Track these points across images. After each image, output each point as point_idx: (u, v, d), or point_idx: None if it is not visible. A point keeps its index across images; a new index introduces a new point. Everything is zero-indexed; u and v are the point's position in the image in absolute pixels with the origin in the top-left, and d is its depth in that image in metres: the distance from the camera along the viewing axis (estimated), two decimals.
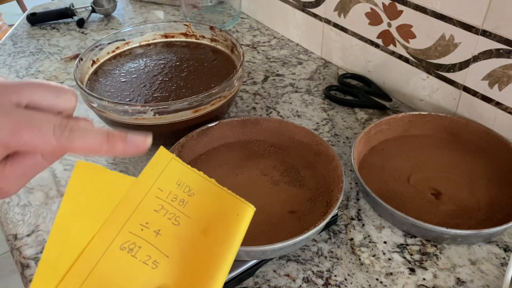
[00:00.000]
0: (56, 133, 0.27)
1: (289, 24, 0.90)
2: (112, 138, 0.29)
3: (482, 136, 0.60)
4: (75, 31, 0.98)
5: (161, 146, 0.35)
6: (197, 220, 0.33)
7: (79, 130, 0.28)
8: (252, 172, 0.56)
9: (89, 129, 0.28)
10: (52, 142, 0.27)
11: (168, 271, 0.31)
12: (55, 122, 0.27)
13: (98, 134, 0.29)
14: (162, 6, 1.09)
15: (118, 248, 0.30)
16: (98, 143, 0.28)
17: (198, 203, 0.33)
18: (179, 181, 0.34)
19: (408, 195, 0.54)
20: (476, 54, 0.59)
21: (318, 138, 0.57)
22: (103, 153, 0.29)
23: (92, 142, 0.28)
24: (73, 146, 0.28)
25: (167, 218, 0.32)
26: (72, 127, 0.28)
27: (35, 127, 0.26)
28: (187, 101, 0.56)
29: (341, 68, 0.82)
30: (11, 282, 1.48)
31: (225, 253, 0.32)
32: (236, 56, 0.69)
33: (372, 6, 0.70)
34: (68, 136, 0.27)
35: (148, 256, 0.31)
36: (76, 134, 0.28)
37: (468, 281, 0.47)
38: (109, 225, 0.31)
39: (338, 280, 0.47)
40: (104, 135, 0.29)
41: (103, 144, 0.29)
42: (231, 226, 0.33)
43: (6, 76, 0.83)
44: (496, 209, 0.52)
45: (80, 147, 0.28)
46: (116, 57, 0.72)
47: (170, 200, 0.33)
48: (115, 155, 0.30)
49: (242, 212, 0.33)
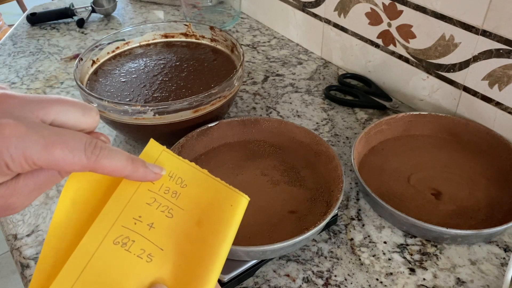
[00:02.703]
0: (88, 152, 0.27)
1: (289, 24, 0.90)
2: (135, 161, 0.30)
3: (482, 136, 0.60)
4: (75, 31, 0.98)
5: (151, 139, 0.34)
6: (190, 211, 0.32)
7: (107, 150, 0.28)
8: (252, 172, 0.56)
9: (116, 150, 0.29)
10: (83, 161, 0.27)
11: (163, 264, 0.31)
12: (86, 140, 0.27)
13: (124, 155, 0.29)
14: (162, 6, 1.09)
15: (112, 243, 0.30)
16: (124, 164, 0.29)
17: (191, 195, 0.33)
18: (171, 173, 0.33)
19: (408, 195, 0.54)
20: (476, 54, 0.59)
21: (318, 138, 0.57)
22: (125, 175, 0.30)
23: (118, 163, 0.28)
24: (102, 165, 0.28)
25: (160, 211, 0.32)
26: (102, 146, 0.28)
27: (67, 145, 0.26)
28: (187, 101, 0.56)
29: (341, 68, 0.82)
30: (11, 282, 1.48)
31: (220, 244, 0.31)
32: (236, 56, 0.69)
33: (372, 6, 0.70)
34: (98, 154, 0.27)
35: (142, 250, 0.31)
36: (105, 153, 0.28)
37: (468, 281, 0.47)
38: (101, 220, 0.31)
39: (338, 280, 0.47)
40: (128, 158, 0.29)
41: (128, 165, 0.29)
42: (225, 217, 0.32)
43: (6, 76, 0.83)
44: (496, 209, 0.52)
45: (108, 167, 0.28)
46: (116, 57, 0.72)
47: (163, 192, 0.33)
48: (134, 179, 0.31)
49: (236, 203, 0.33)
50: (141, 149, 0.32)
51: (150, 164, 0.31)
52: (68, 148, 0.26)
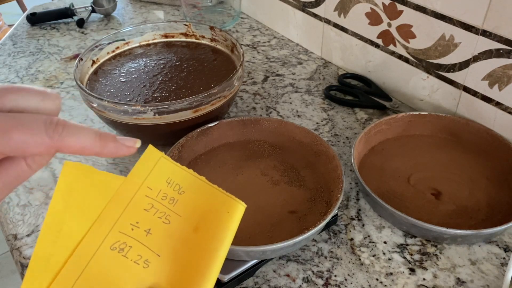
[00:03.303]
0: (49, 130, 0.25)
1: (289, 24, 0.90)
2: (104, 137, 0.28)
3: (482, 136, 0.60)
4: (75, 31, 0.98)
5: (149, 145, 0.34)
6: (187, 218, 0.33)
7: (71, 127, 0.26)
8: (252, 172, 0.56)
9: (81, 126, 0.27)
10: (45, 140, 0.25)
11: (159, 270, 0.31)
12: (45, 119, 0.26)
13: (91, 131, 0.27)
14: (162, 6, 1.09)
15: (109, 249, 0.30)
16: (92, 141, 0.27)
17: (188, 201, 0.33)
18: (169, 180, 0.34)
19: (408, 195, 0.54)
20: (476, 54, 0.59)
21: (318, 138, 0.57)
22: (95, 152, 0.28)
23: (85, 139, 0.27)
24: (67, 144, 0.26)
25: (157, 217, 0.32)
26: (64, 124, 0.26)
27: (25, 127, 0.25)
28: (187, 101, 0.56)
29: (341, 68, 0.82)
30: (11, 282, 1.48)
31: (217, 251, 0.32)
32: (236, 56, 0.69)
33: (372, 6, 0.70)
34: (61, 133, 0.26)
35: (139, 256, 0.31)
36: (70, 130, 0.26)
37: (468, 281, 0.47)
38: (99, 225, 0.31)
39: (338, 280, 0.47)
40: (96, 133, 0.27)
41: (96, 141, 0.27)
42: (222, 223, 0.33)
43: (6, 76, 0.83)
44: (496, 209, 0.52)
45: (74, 144, 0.26)
46: (116, 57, 0.72)
47: (160, 198, 0.33)
48: (105, 155, 0.29)
49: (233, 210, 0.33)
50: (141, 149, 0.32)
51: (121, 138, 0.29)
52: (26, 130, 0.25)
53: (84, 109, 0.74)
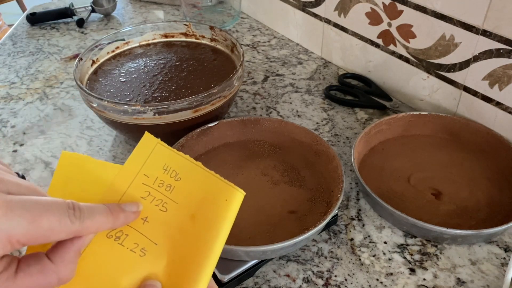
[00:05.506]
0: (71, 217, 0.26)
1: (289, 24, 0.90)
2: (114, 210, 0.29)
3: (482, 136, 0.59)
4: (75, 31, 0.98)
5: (146, 132, 0.34)
6: (185, 205, 0.32)
7: (86, 209, 0.27)
8: (252, 172, 0.56)
9: (92, 205, 0.28)
10: (69, 227, 0.25)
11: (156, 258, 0.30)
12: (65, 204, 0.26)
13: (102, 209, 0.28)
14: (162, 6, 1.08)
15: (105, 236, 0.30)
16: (105, 218, 0.28)
17: (185, 188, 0.33)
18: (166, 166, 0.33)
19: (408, 195, 0.54)
20: (477, 54, 0.59)
21: (318, 138, 0.57)
22: (108, 228, 0.29)
23: (100, 219, 0.28)
24: (85, 228, 0.27)
25: (154, 205, 0.32)
26: (80, 207, 0.27)
27: (53, 212, 0.25)
28: (187, 101, 0.56)
29: (341, 68, 0.82)
30: None
31: (214, 240, 0.31)
32: (236, 56, 0.69)
33: (372, 6, 0.70)
34: (80, 218, 0.26)
35: (135, 244, 0.30)
36: (85, 214, 0.27)
37: (469, 281, 0.47)
38: None
39: (338, 280, 0.47)
40: (106, 209, 0.28)
41: (109, 217, 0.28)
42: (220, 211, 0.32)
43: (6, 76, 0.83)
44: (496, 209, 0.52)
45: (91, 227, 0.27)
46: (116, 57, 0.72)
47: (157, 186, 0.32)
48: (117, 227, 0.30)
49: (231, 197, 0.32)
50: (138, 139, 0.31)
51: (124, 205, 0.30)
52: (54, 216, 0.25)
53: (84, 109, 0.74)
